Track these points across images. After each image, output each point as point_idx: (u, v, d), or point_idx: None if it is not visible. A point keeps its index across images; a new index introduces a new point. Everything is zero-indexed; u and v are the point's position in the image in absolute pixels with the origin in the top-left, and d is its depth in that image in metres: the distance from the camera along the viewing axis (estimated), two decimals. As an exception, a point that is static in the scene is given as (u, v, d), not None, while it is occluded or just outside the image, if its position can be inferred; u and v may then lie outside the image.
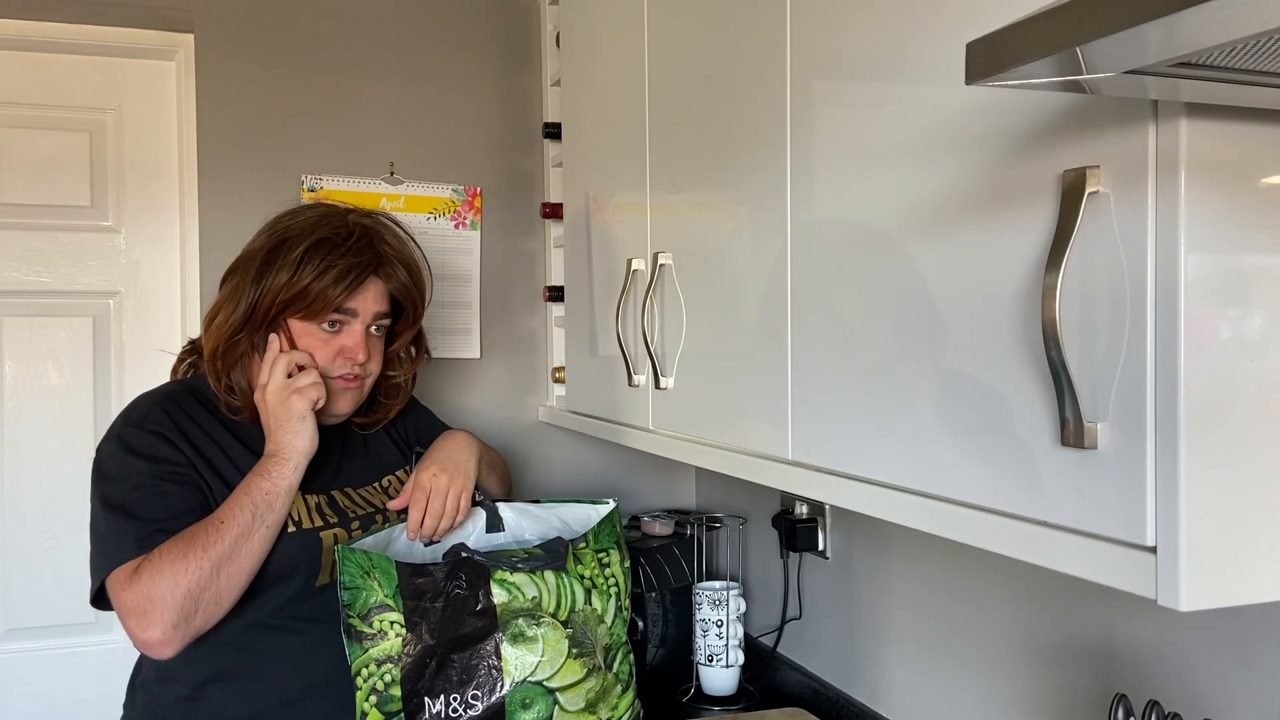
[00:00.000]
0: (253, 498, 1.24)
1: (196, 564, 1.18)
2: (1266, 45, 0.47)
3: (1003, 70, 0.53)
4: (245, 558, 1.22)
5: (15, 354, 1.81)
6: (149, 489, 1.25)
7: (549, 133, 1.99)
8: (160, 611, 1.17)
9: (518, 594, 1.26)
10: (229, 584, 1.20)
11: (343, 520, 1.35)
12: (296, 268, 1.29)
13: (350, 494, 1.40)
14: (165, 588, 1.17)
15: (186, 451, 1.28)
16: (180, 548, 1.19)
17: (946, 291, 0.83)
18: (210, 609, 1.20)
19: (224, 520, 1.22)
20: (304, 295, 1.30)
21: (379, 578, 1.23)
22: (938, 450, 0.84)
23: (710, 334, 1.25)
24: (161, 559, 1.18)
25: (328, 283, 1.30)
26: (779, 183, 1.07)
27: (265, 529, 1.23)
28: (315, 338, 1.33)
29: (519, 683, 1.23)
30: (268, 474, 1.26)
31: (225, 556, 1.20)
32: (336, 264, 1.30)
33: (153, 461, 1.26)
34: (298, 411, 1.28)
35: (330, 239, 1.32)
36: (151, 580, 1.17)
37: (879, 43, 0.91)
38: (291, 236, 1.32)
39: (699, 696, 1.69)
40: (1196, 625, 0.99)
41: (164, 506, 1.24)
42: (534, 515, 1.44)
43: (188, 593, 1.17)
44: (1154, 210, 0.64)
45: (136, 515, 1.23)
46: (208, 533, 1.20)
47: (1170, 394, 0.63)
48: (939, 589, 1.38)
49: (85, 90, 1.82)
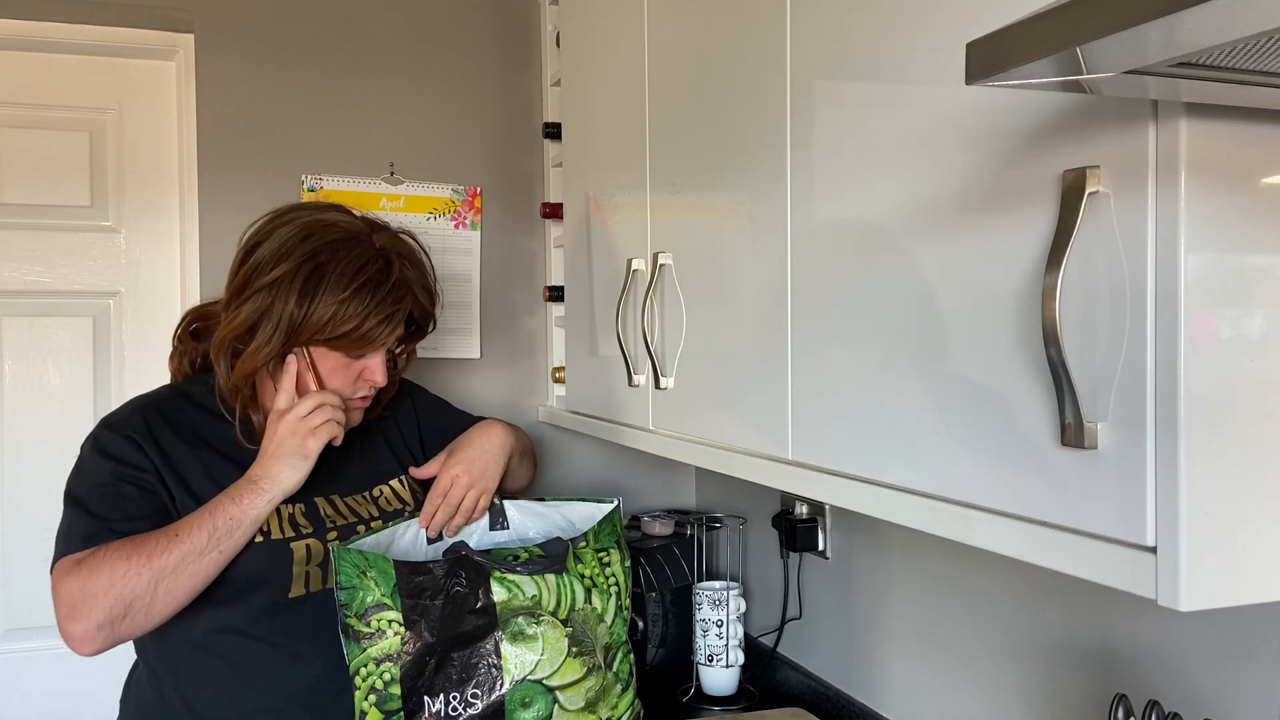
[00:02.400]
0: (215, 520, 1.22)
1: (136, 571, 1.17)
2: (1266, 45, 0.47)
3: (1003, 70, 0.53)
4: (189, 577, 1.20)
5: (15, 354, 1.80)
6: (109, 489, 1.25)
7: (549, 133, 1.99)
8: (89, 608, 1.16)
9: (517, 592, 1.26)
10: (165, 598, 1.19)
11: (318, 530, 1.32)
12: (339, 309, 1.28)
13: (335, 502, 1.37)
14: (99, 586, 1.17)
15: (154, 458, 1.28)
16: (126, 550, 1.19)
17: (947, 291, 0.83)
18: (140, 619, 1.19)
19: (178, 534, 1.20)
20: (345, 336, 1.30)
21: (376, 577, 1.23)
22: (938, 450, 0.84)
23: (710, 334, 1.25)
24: (104, 558, 1.18)
25: (370, 325, 1.30)
26: (779, 183, 1.07)
27: (218, 554, 1.22)
28: (337, 362, 1.33)
29: (519, 681, 1.23)
30: (239, 499, 1.24)
31: (168, 570, 1.18)
32: (380, 310, 1.31)
33: (118, 463, 1.27)
34: (306, 451, 1.27)
35: (371, 281, 1.31)
36: (89, 576, 1.17)
37: (879, 43, 0.91)
38: (329, 267, 1.29)
39: (699, 696, 1.69)
40: (1196, 625, 0.99)
41: (119, 508, 1.24)
42: (539, 514, 1.44)
43: (119, 597, 1.17)
44: (1154, 210, 0.64)
45: (91, 512, 1.23)
46: (157, 542, 1.19)
47: (1170, 394, 0.63)
48: (939, 589, 1.38)
49: (85, 90, 1.82)
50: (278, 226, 1.34)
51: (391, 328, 1.33)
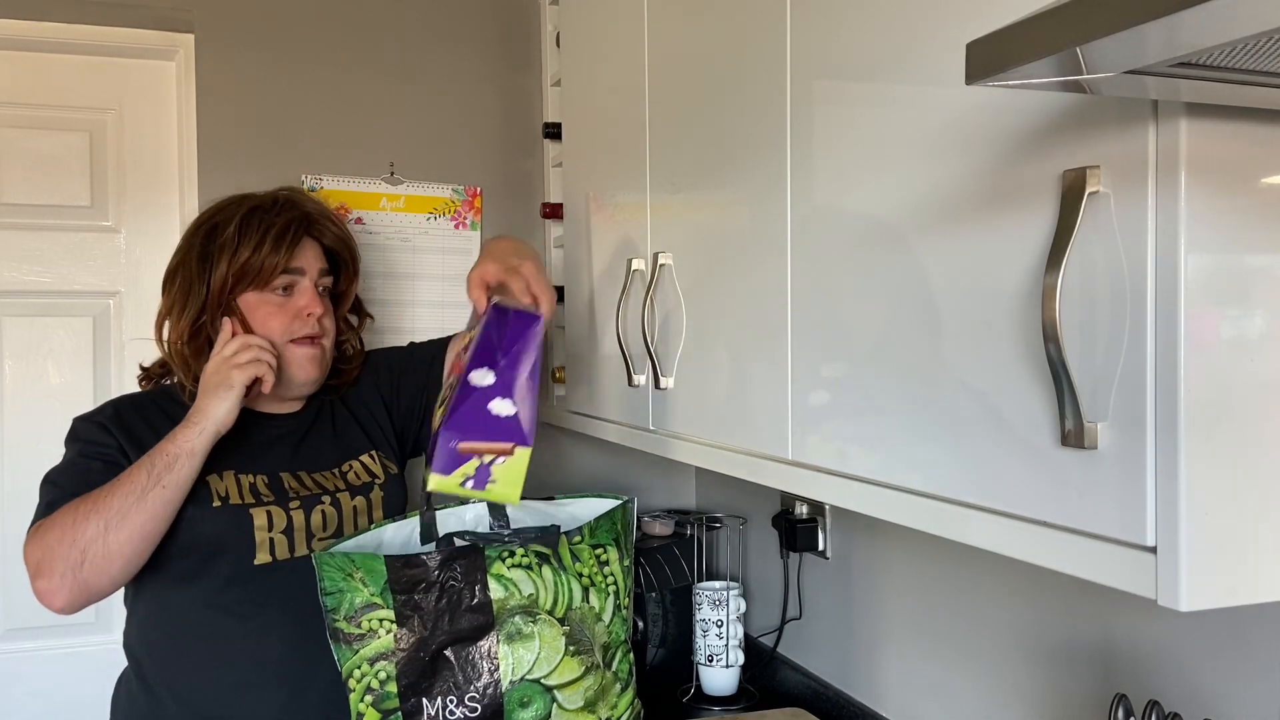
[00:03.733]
0: (153, 459, 1.27)
1: (85, 518, 1.23)
2: (1266, 45, 0.47)
3: (1003, 70, 0.53)
4: (137, 515, 1.24)
5: (15, 354, 1.81)
6: (75, 465, 1.33)
7: (549, 133, 1.99)
8: (50, 562, 1.23)
9: (514, 590, 1.25)
10: (119, 539, 1.23)
11: (280, 499, 1.36)
12: (235, 244, 1.36)
13: (303, 476, 1.41)
14: (54, 539, 1.23)
15: (118, 436, 1.34)
16: (74, 504, 1.25)
17: (946, 291, 0.83)
18: (99, 564, 1.23)
19: (119, 480, 1.26)
20: (249, 265, 1.36)
21: (364, 577, 1.22)
22: (937, 450, 0.84)
23: (710, 334, 1.25)
24: (58, 515, 1.25)
25: (269, 247, 1.37)
26: (779, 183, 1.07)
27: (161, 489, 1.25)
28: (269, 306, 1.39)
29: (516, 681, 1.23)
30: (174, 438, 1.28)
31: (115, 513, 1.23)
32: (272, 226, 1.38)
33: (85, 444, 1.35)
34: (230, 382, 1.31)
35: (258, 207, 1.40)
36: (47, 530, 1.24)
37: (879, 43, 0.91)
38: (218, 220, 1.40)
39: (699, 696, 1.69)
40: (1196, 625, 0.99)
41: (83, 481, 1.29)
42: (543, 512, 1.44)
43: (73, 543, 1.22)
44: (1154, 210, 0.64)
45: (57, 485, 1.31)
46: (101, 492, 1.25)
47: (1170, 394, 0.63)
48: (939, 589, 1.38)
49: (85, 90, 1.82)
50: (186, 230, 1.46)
51: (289, 244, 1.38)
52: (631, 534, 1.41)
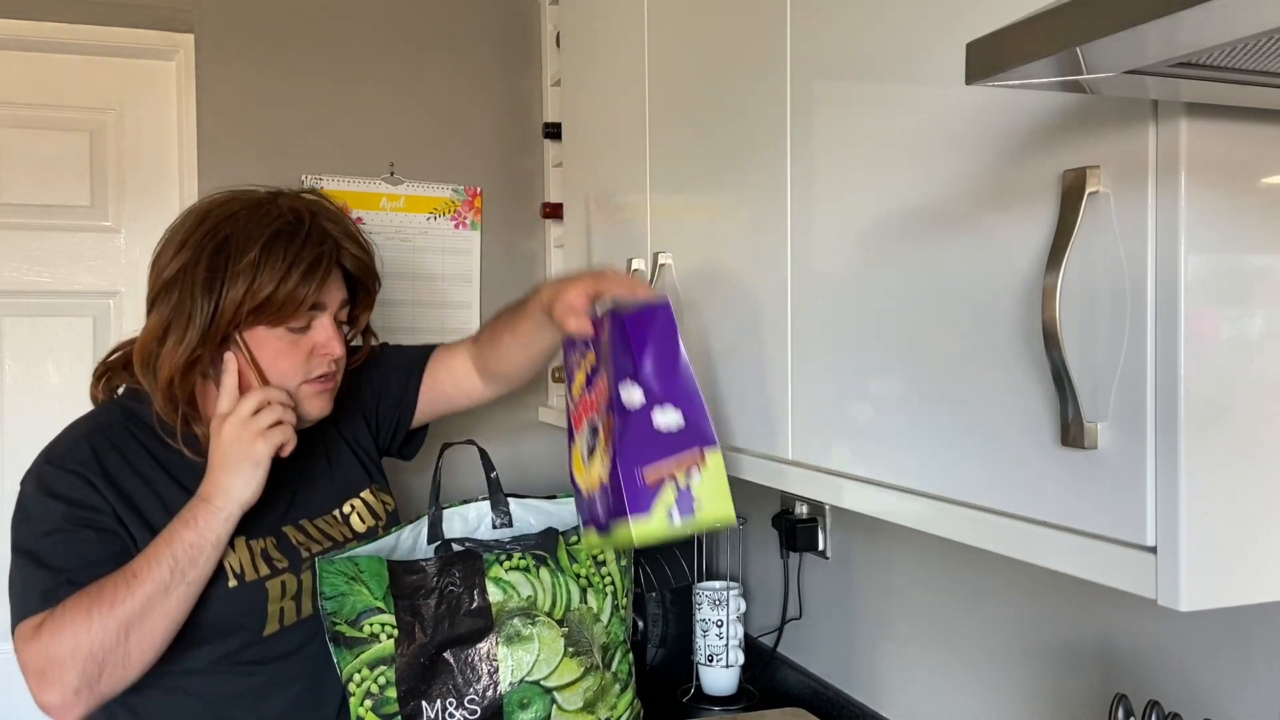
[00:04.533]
0: (173, 550, 1.10)
1: (101, 623, 1.06)
2: (1266, 45, 0.47)
3: (1003, 70, 0.53)
4: (160, 618, 1.09)
5: (15, 354, 1.81)
6: (63, 535, 1.12)
7: (549, 133, 1.99)
8: (59, 674, 1.05)
9: (513, 593, 1.25)
10: (139, 646, 1.08)
11: (293, 564, 1.24)
12: (255, 272, 1.15)
13: (306, 527, 1.28)
14: (65, 648, 1.05)
15: (108, 495, 1.15)
16: (84, 604, 1.07)
17: (946, 291, 0.83)
18: (118, 673, 1.08)
19: (137, 574, 1.08)
20: (270, 301, 1.16)
21: (368, 581, 1.22)
22: (937, 450, 0.84)
23: (710, 334, 1.25)
24: (64, 616, 1.06)
25: (295, 282, 1.16)
26: (779, 183, 1.07)
27: (186, 586, 1.10)
28: (281, 343, 1.19)
29: (516, 683, 1.23)
30: (194, 523, 1.11)
31: (135, 616, 1.07)
32: (301, 260, 1.17)
33: (70, 505, 1.13)
34: (256, 456, 1.14)
35: (283, 232, 1.18)
36: (52, 639, 1.06)
37: (879, 43, 0.91)
38: (232, 236, 1.17)
39: (699, 696, 1.69)
40: (1196, 625, 0.99)
41: (76, 555, 1.11)
42: (545, 511, 1.44)
43: (90, 655, 1.05)
44: (1154, 210, 0.64)
45: (45, 564, 1.11)
46: (116, 588, 1.08)
47: (1170, 394, 0.63)
48: (939, 589, 1.38)
49: (85, 90, 1.82)
50: (175, 223, 1.24)
51: (319, 280, 1.18)
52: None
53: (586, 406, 1.13)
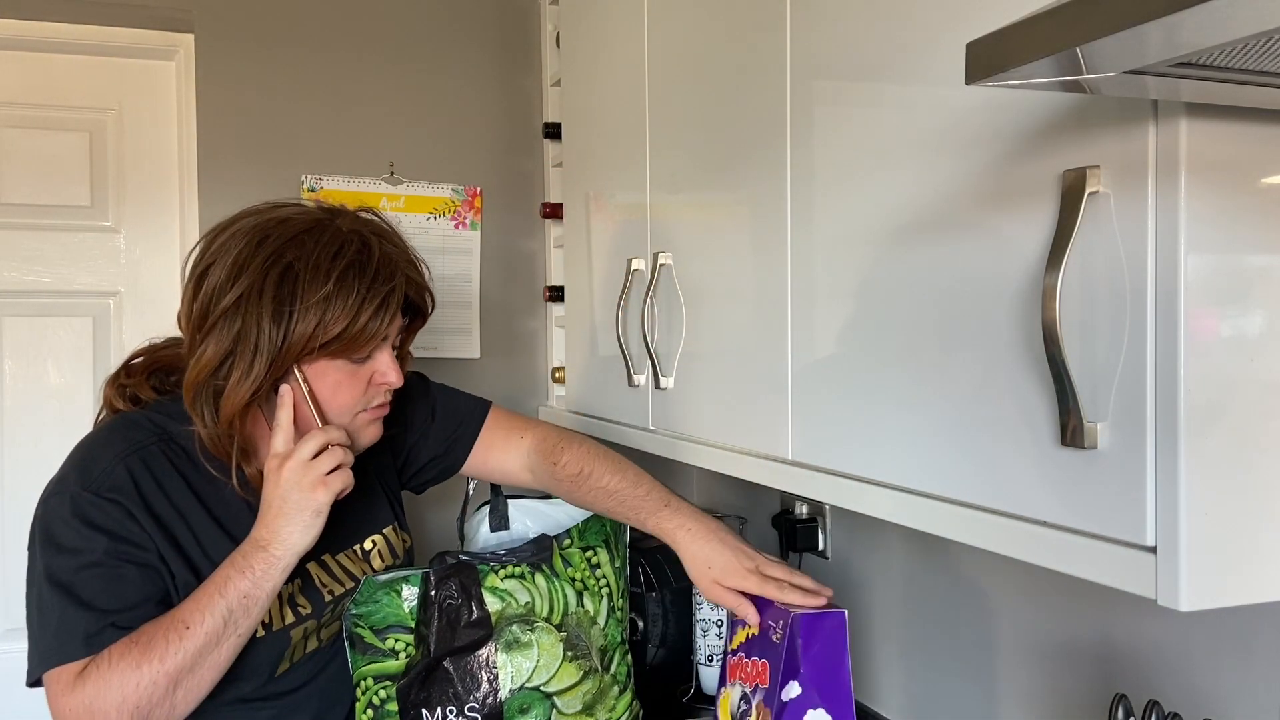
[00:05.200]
0: (228, 601, 1.04)
1: (150, 677, 1.01)
2: (1266, 45, 0.47)
3: (1003, 70, 0.53)
4: (208, 669, 1.05)
5: (15, 354, 1.80)
6: (104, 570, 1.06)
7: (549, 133, 1.99)
8: None
9: (510, 601, 1.25)
10: (186, 699, 1.04)
11: (316, 610, 1.19)
12: (326, 307, 1.09)
13: (329, 564, 1.23)
14: (111, 702, 1.00)
15: (149, 528, 1.09)
16: (134, 656, 1.02)
17: (946, 291, 0.83)
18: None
19: (189, 625, 1.03)
20: (340, 337, 1.10)
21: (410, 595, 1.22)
22: (938, 450, 0.84)
23: (710, 334, 1.25)
24: (110, 667, 1.01)
25: (366, 319, 1.10)
26: (779, 182, 1.07)
27: (236, 639, 1.06)
28: (341, 374, 1.13)
29: (516, 689, 1.23)
30: (250, 572, 1.05)
31: (185, 669, 1.02)
32: (374, 295, 1.11)
33: (112, 538, 1.07)
34: (317, 506, 1.08)
35: (354, 264, 1.11)
36: (97, 691, 1.01)
37: (879, 43, 0.90)
38: (298, 263, 1.10)
39: (699, 696, 1.69)
40: (1196, 625, 0.99)
41: (120, 595, 1.06)
42: (540, 513, 1.44)
43: (135, 709, 1.01)
44: (1154, 210, 0.64)
45: (87, 604, 1.05)
46: (168, 640, 1.02)
47: (1170, 394, 0.63)
48: (939, 589, 1.37)
49: (85, 90, 1.82)
50: (225, 240, 1.13)
51: (390, 314, 1.13)
52: (624, 535, 1.41)
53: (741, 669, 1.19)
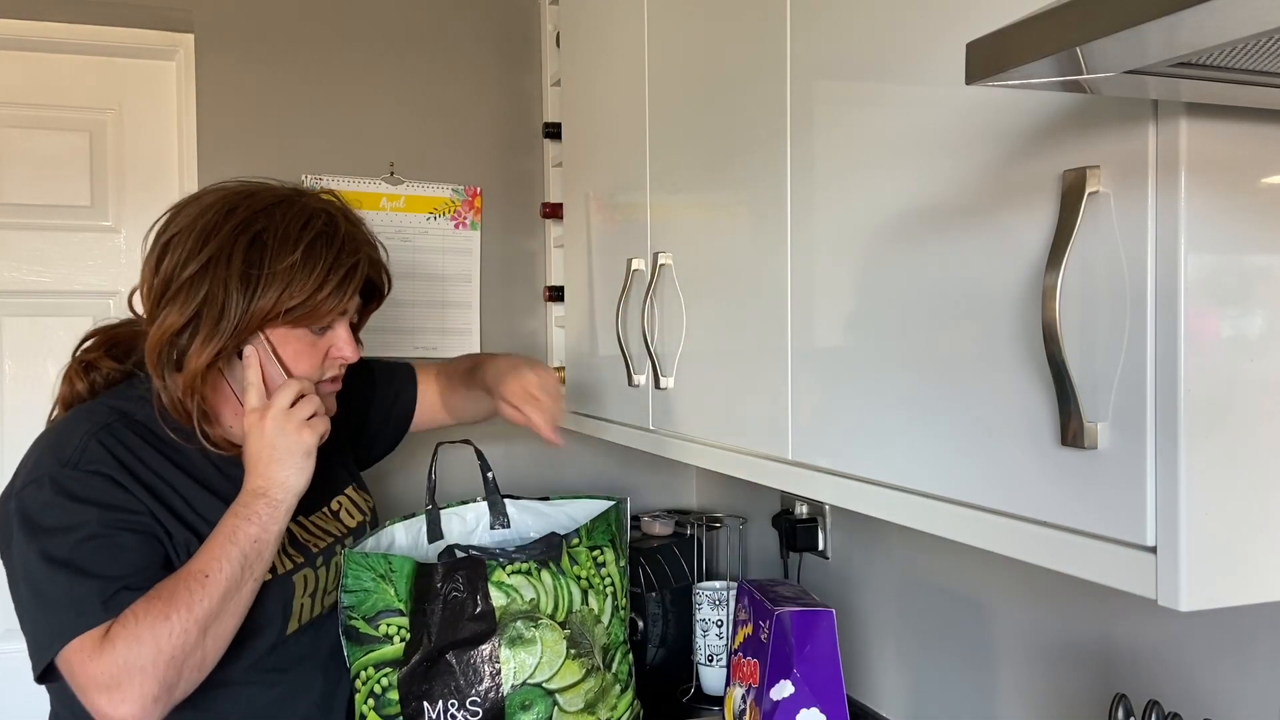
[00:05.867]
0: (240, 547, 1.08)
1: (182, 626, 1.02)
2: (1266, 45, 0.47)
3: (1003, 70, 0.53)
4: (231, 615, 1.07)
5: (15, 354, 1.81)
6: (102, 540, 1.06)
7: (549, 133, 1.99)
8: (140, 683, 1.00)
9: (515, 596, 1.26)
10: (214, 646, 1.06)
11: (308, 559, 1.24)
12: (293, 275, 1.13)
13: (305, 524, 1.27)
14: (146, 655, 1.00)
15: (139, 494, 1.10)
16: (159, 609, 1.02)
17: (946, 291, 0.83)
18: (193, 676, 1.05)
19: (208, 574, 1.05)
20: (303, 305, 1.15)
21: (396, 581, 1.22)
22: (938, 450, 0.84)
23: (710, 334, 1.25)
24: (138, 621, 1.01)
25: (330, 290, 1.16)
26: (779, 183, 1.07)
27: (253, 581, 1.09)
28: (301, 343, 1.18)
29: (518, 685, 1.23)
30: (256, 518, 1.10)
31: (212, 615, 1.05)
32: (338, 268, 1.16)
33: (103, 508, 1.07)
34: (305, 446, 1.14)
35: (321, 236, 1.17)
36: (129, 647, 1.00)
37: (879, 43, 0.91)
38: (268, 231, 1.14)
39: (699, 696, 1.69)
40: (1196, 625, 0.99)
41: (125, 561, 1.06)
42: (541, 513, 1.44)
43: (171, 659, 1.01)
44: (1154, 210, 0.64)
45: (93, 572, 1.04)
46: (190, 589, 1.04)
47: (1170, 394, 0.63)
48: (939, 589, 1.38)
49: (85, 90, 1.82)
50: (192, 210, 1.17)
51: (354, 286, 1.19)
52: (626, 534, 1.41)
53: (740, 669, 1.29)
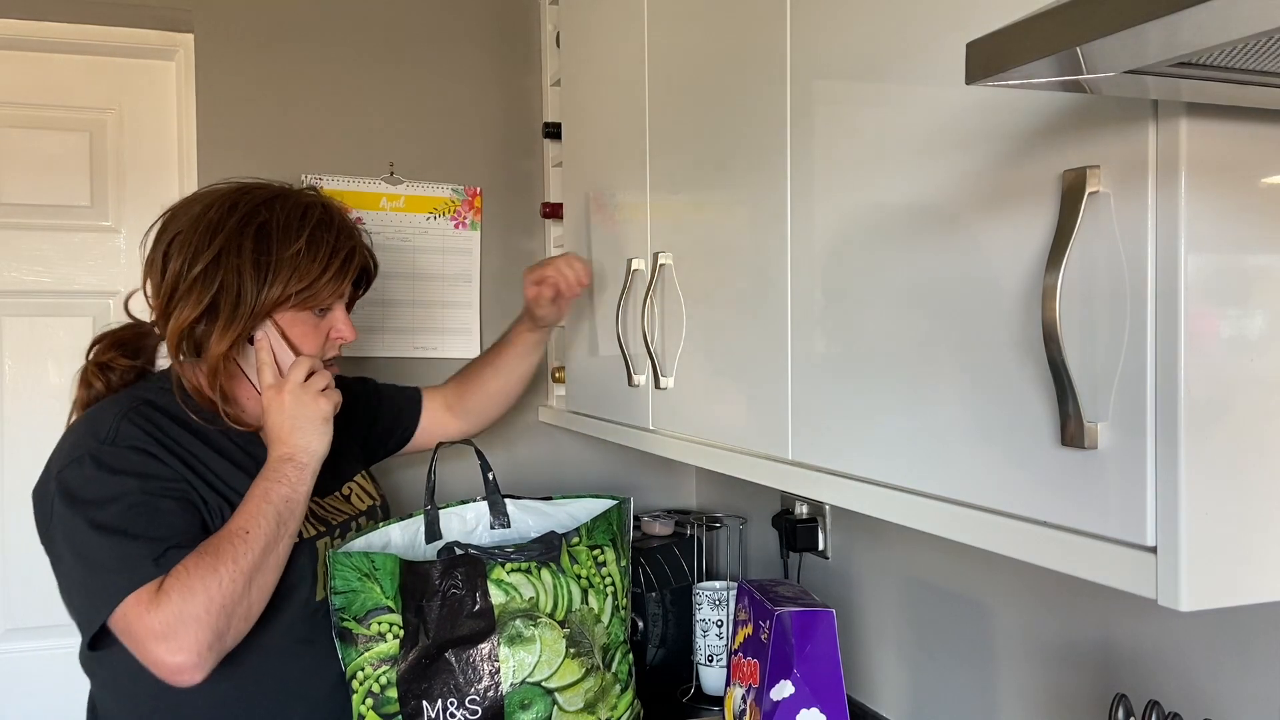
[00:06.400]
0: (275, 506, 1.17)
1: (230, 576, 1.10)
2: (1266, 45, 0.47)
3: (1003, 70, 0.53)
4: (272, 569, 1.16)
5: (15, 354, 1.80)
6: (145, 507, 1.14)
7: (549, 133, 1.99)
8: (195, 632, 1.07)
9: (515, 595, 1.26)
10: (258, 597, 1.14)
11: (328, 529, 1.32)
12: (299, 260, 1.24)
13: (320, 504, 1.34)
14: (199, 605, 1.07)
15: (173, 465, 1.19)
16: (208, 562, 1.10)
17: (947, 291, 0.83)
18: (240, 625, 1.12)
19: (249, 530, 1.14)
20: (310, 288, 1.25)
21: (381, 579, 1.22)
22: (937, 450, 0.84)
23: (710, 334, 1.25)
24: (190, 574, 1.09)
25: (334, 271, 1.27)
26: (779, 183, 1.07)
27: (288, 538, 1.18)
28: (306, 325, 1.29)
29: (517, 684, 1.23)
30: (286, 479, 1.19)
31: (256, 567, 1.12)
32: (339, 251, 1.28)
33: (142, 478, 1.15)
34: (323, 414, 1.24)
35: (321, 223, 1.28)
36: (183, 598, 1.07)
37: (879, 43, 0.91)
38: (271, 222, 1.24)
39: (699, 696, 1.69)
40: (1196, 625, 0.99)
41: (169, 524, 1.14)
42: (542, 512, 1.44)
43: (222, 608, 1.09)
44: (1154, 210, 0.64)
45: (140, 535, 1.11)
46: (234, 544, 1.12)
47: (1170, 394, 0.63)
48: (939, 589, 1.38)
49: (85, 90, 1.82)
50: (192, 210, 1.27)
51: (352, 271, 1.31)
52: (628, 535, 1.41)
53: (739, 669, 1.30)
